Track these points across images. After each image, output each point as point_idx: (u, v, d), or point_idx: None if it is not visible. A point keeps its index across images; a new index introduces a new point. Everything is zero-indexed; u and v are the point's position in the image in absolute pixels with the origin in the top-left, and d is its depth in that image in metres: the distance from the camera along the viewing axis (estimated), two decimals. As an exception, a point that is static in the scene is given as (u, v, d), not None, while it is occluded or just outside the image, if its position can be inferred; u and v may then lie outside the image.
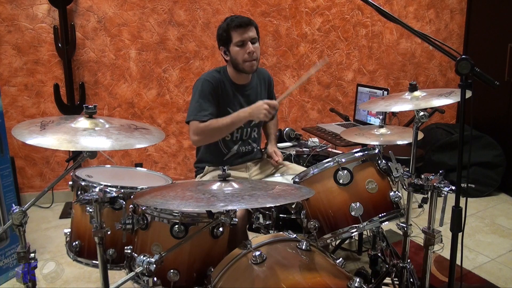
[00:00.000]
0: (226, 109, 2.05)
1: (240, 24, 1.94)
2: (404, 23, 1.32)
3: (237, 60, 2.00)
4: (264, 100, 1.91)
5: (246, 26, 1.95)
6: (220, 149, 2.12)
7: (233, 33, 1.96)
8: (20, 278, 1.26)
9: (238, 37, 1.96)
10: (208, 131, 1.96)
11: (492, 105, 3.61)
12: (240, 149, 2.15)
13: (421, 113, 1.58)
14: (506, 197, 3.46)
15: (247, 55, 1.97)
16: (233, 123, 1.96)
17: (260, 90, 2.19)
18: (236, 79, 2.09)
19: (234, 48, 1.98)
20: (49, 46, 3.11)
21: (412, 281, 1.72)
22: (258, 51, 2.01)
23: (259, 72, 2.21)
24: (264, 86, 2.22)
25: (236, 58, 1.99)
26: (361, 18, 3.79)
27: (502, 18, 3.61)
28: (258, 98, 2.15)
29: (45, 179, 3.31)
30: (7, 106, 3.10)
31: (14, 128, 1.27)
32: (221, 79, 2.05)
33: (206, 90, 2.00)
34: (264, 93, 2.22)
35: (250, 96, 2.13)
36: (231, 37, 1.97)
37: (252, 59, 1.98)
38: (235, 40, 1.96)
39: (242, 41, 1.96)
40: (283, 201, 1.24)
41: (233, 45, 1.98)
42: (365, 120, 3.05)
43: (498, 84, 1.19)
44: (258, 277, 1.22)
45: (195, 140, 2.01)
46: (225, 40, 2.00)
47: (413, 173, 1.62)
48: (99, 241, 1.30)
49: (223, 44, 2.03)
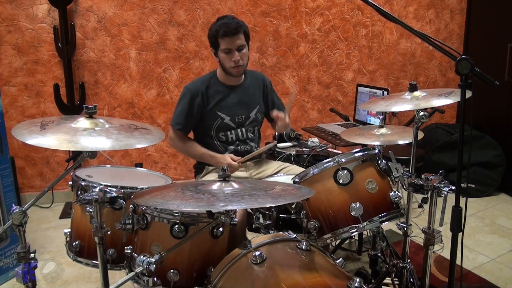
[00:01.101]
0: (215, 112, 2.10)
1: (226, 34, 1.98)
2: (404, 23, 1.32)
3: (224, 65, 2.07)
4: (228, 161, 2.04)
5: (233, 36, 1.98)
6: (218, 150, 2.14)
7: (220, 40, 2.01)
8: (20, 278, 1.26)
9: (225, 44, 2.00)
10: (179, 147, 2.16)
11: (492, 105, 3.61)
12: (238, 148, 2.16)
13: (421, 113, 1.58)
14: (506, 197, 3.46)
15: (233, 63, 2.03)
16: (201, 158, 2.15)
17: (254, 91, 2.22)
18: (227, 80, 2.14)
19: (221, 54, 2.04)
20: (49, 46, 3.11)
21: (412, 281, 1.72)
22: (245, 57, 2.06)
23: (253, 74, 2.26)
24: (259, 87, 2.25)
25: (223, 63, 2.06)
26: (361, 18, 3.79)
27: (502, 18, 3.61)
28: (250, 99, 2.20)
29: (45, 179, 3.31)
30: (7, 106, 3.10)
31: (14, 128, 1.27)
32: (208, 85, 2.11)
33: (185, 100, 2.09)
34: (258, 94, 2.24)
35: (241, 97, 2.16)
36: (218, 43, 2.02)
37: (237, 66, 2.03)
38: (222, 47, 2.01)
39: (229, 49, 2.01)
40: (283, 201, 1.24)
41: (221, 51, 2.03)
42: (365, 120, 3.05)
43: (498, 84, 1.19)
44: (258, 277, 1.22)
45: (170, 144, 2.20)
46: (213, 44, 2.07)
47: (413, 173, 1.62)
48: (99, 241, 1.30)
49: (212, 47, 2.09)
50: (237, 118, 2.14)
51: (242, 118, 2.16)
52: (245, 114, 2.16)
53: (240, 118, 2.15)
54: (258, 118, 2.22)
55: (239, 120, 2.15)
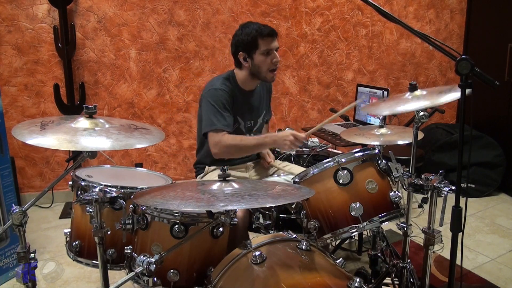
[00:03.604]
0: (236, 116, 2.04)
1: (270, 34, 1.94)
2: (404, 23, 1.32)
3: (260, 69, 1.98)
4: (292, 132, 1.89)
5: (275, 36, 1.96)
6: None
7: (260, 41, 1.94)
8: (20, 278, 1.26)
9: (265, 45, 1.94)
10: (230, 147, 1.92)
11: (492, 105, 3.61)
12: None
13: (421, 113, 1.58)
14: (506, 197, 3.46)
15: (272, 64, 1.98)
16: (257, 146, 1.97)
17: (263, 96, 2.20)
18: (245, 85, 2.07)
19: (259, 57, 1.96)
20: (49, 46, 3.11)
21: (412, 281, 1.72)
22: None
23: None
24: (266, 91, 2.23)
25: (260, 66, 1.97)
26: (361, 18, 3.79)
27: (502, 18, 3.61)
28: (260, 104, 2.17)
29: (45, 179, 3.31)
30: (7, 106, 3.10)
31: (14, 128, 1.27)
32: (233, 87, 2.03)
33: (223, 100, 1.96)
34: (266, 100, 2.22)
35: (254, 102, 2.12)
36: (258, 45, 1.94)
37: (275, 68, 2.00)
38: (262, 48, 1.94)
39: (269, 50, 1.95)
40: (283, 201, 1.24)
41: (259, 53, 1.95)
42: (365, 120, 3.05)
43: (498, 84, 1.19)
44: (258, 277, 1.22)
45: (216, 153, 1.94)
46: (250, 46, 1.96)
47: (413, 173, 1.62)
48: (99, 241, 1.31)
49: (245, 51, 1.98)
50: (248, 123, 2.11)
51: (251, 124, 2.13)
52: (254, 119, 2.14)
53: (250, 123, 2.12)
54: (263, 123, 2.22)
55: (249, 125, 2.12)
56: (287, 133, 1.89)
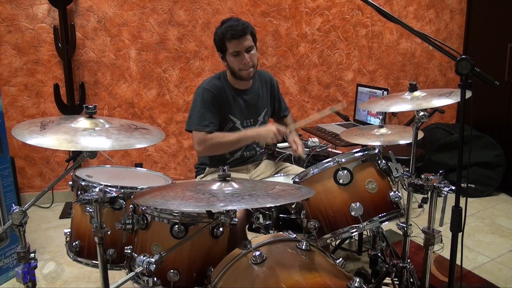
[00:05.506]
0: (227, 115, 2.05)
1: (233, 36, 1.91)
2: (404, 23, 1.32)
3: (233, 69, 2.00)
4: (275, 125, 1.95)
5: (240, 37, 1.92)
6: (223, 154, 2.10)
7: (228, 43, 1.94)
8: (20, 278, 1.26)
9: (233, 47, 1.94)
10: (213, 144, 1.97)
11: (492, 105, 3.61)
12: (244, 153, 2.15)
13: (421, 113, 1.58)
14: (506, 197, 3.46)
15: (242, 65, 1.97)
16: (239, 140, 1.99)
17: (262, 93, 2.18)
18: (236, 84, 2.08)
19: (230, 58, 1.98)
20: (49, 46, 3.11)
21: (412, 281, 1.72)
22: (255, 57, 1.99)
23: (260, 75, 2.20)
24: (266, 88, 2.21)
25: (232, 67, 1.99)
26: (361, 18, 3.79)
27: (502, 18, 3.61)
28: (259, 101, 2.15)
29: (45, 179, 3.31)
30: (7, 106, 3.10)
31: (14, 128, 1.26)
32: (222, 86, 2.04)
33: (208, 99, 1.99)
34: (266, 96, 2.20)
35: (250, 100, 2.11)
36: (226, 47, 1.96)
37: (248, 68, 1.98)
38: (230, 50, 1.95)
39: (237, 51, 1.94)
40: (283, 201, 1.24)
41: (229, 55, 1.97)
42: (365, 120, 3.05)
43: (498, 84, 1.19)
44: (258, 277, 1.22)
45: (199, 151, 2.02)
46: (220, 48, 2.00)
47: (413, 173, 1.61)
48: (99, 241, 1.30)
49: (219, 51, 2.02)
50: (246, 122, 2.10)
51: (251, 122, 2.12)
52: (253, 118, 2.13)
53: (249, 122, 2.11)
54: (266, 121, 2.19)
55: (247, 125, 2.10)
56: (270, 126, 1.96)
